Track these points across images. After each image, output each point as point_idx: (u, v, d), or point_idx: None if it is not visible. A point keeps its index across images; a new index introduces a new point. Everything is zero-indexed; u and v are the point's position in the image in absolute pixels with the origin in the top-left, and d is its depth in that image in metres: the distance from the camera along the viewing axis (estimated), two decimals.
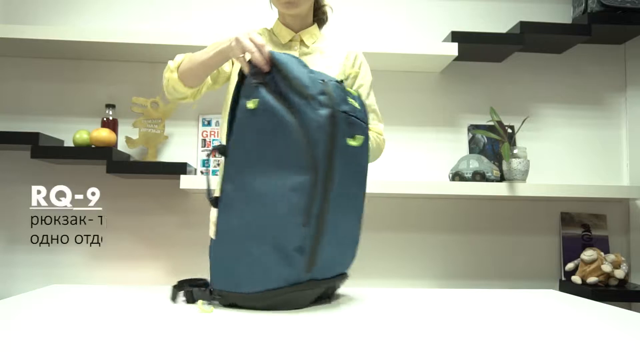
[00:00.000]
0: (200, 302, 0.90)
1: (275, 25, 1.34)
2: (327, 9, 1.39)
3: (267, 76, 0.90)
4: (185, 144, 2.04)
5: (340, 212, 0.90)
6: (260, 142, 0.87)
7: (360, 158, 0.96)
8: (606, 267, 1.91)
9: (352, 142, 0.91)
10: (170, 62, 1.22)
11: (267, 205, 0.86)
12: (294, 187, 0.84)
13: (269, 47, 0.94)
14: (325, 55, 1.31)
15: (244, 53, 0.95)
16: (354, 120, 0.92)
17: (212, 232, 1.29)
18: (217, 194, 1.01)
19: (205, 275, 1.00)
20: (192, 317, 0.81)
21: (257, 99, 0.87)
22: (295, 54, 1.29)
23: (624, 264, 1.94)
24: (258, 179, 0.86)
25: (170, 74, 1.21)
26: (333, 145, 0.86)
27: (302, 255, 0.85)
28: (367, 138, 0.97)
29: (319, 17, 1.38)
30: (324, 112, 0.85)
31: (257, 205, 0.86)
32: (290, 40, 1.31)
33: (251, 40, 0.95)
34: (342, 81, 0.95)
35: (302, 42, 1.31)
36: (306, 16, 1.32)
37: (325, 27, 1.42)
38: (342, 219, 0.92)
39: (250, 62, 0.93)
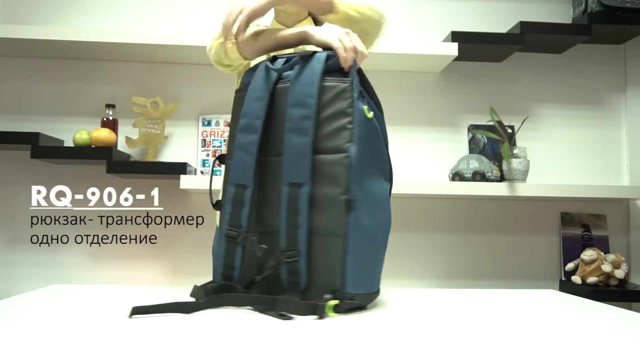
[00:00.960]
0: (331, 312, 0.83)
1: (271, 24, 1.34)
2: None
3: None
4: (185, 144, 2.04)
5: None
6: (372, 149, 0.93)
7: None
8: (606, 267, 1.91)
9: None
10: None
11: (385, 208, 0.95)
12: (388, 193, 0.97)
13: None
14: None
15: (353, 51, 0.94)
16: None
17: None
18: (221, 194, 1.00)
19: (208, 275, 1.00)
20: (191, 317, 0.81)
21: (372, 111, 0.93)
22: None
23: (624, 264, 1.94)
24: (374, 184, 0.92)
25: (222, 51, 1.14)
26: None
27: None
28: None
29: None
30: (385, 128, 0.98)
31: (381, 208, 0.94)
32: None
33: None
34: None
35: None
36: (299, 12, 1.31)
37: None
38: None
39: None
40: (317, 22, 1.37)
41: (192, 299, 0.91)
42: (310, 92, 0.90)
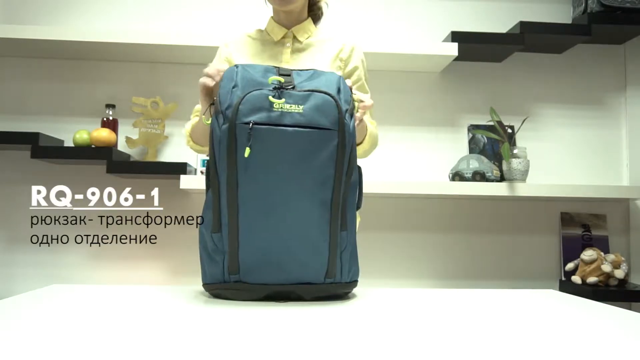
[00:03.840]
0: None
1: (268, 24, 1.32)
2: (323, 4, 1.37)
3: None
4: (185, 144, 2.04)
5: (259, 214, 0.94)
6: None
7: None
8: (606, 267, 1.91)
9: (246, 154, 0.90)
10: (186, 126, 1.33)
11: None
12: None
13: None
14: (318, 50, 1.28)
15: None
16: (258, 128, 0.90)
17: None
18: None
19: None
20: (192, 316, 0.81)
21: None
22: (288, 51, 1.28)
23: (624, 264, 1.94)
24: None
25: (187, 138, 1.34)
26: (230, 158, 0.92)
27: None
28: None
29: (314, 12, 1.36)
30: (224, 126, 0.93)
31: None
32: (283, 37, 1.30)
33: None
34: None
35: (295, 38, 1.30)
36: (300, 12, 1.30)
37: (321, 23, 1.40)
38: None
39: None
40: (316, 21, 1.37)
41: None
42: None
